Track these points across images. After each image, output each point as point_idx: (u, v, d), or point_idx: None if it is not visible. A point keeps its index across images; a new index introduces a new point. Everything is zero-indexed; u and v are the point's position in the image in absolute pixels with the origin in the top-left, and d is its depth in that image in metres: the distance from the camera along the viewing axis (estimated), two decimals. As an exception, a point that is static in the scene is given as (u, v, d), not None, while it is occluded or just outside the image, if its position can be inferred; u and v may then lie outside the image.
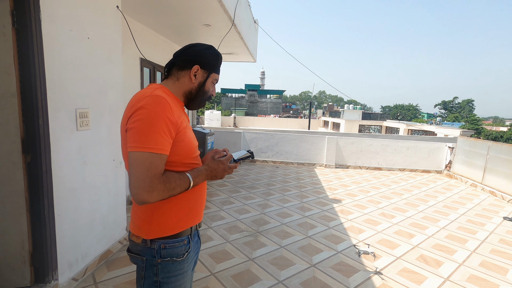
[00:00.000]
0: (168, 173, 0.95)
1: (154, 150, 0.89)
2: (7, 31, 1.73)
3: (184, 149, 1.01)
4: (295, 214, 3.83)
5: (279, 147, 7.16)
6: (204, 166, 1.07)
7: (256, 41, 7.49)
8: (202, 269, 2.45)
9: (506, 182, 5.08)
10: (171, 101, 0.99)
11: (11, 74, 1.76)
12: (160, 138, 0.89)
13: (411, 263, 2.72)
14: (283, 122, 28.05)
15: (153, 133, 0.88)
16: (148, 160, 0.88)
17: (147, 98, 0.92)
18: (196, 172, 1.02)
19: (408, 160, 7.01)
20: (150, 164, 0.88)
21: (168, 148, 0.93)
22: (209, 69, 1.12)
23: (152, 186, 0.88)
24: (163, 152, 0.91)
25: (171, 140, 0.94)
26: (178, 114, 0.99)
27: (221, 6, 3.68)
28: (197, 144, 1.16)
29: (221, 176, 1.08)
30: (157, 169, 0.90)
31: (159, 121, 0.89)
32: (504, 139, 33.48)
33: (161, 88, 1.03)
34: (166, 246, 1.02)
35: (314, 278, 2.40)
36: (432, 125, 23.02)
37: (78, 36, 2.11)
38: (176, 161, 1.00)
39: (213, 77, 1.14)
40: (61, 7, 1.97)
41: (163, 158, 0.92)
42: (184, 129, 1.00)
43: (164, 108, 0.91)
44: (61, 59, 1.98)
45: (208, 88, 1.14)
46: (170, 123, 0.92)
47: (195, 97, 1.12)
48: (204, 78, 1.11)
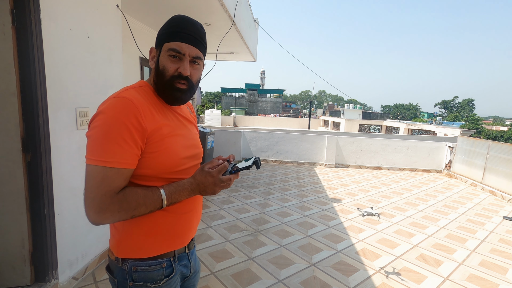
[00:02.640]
0: (129, 189, 0.79)
1: (107, 164, 0.74)
2: (7, 30, 1.73)
3: (160, 162, 0.83)
4: (295, 214, 3.83)
5: (279, 146, 7.16)
6: (190, 179, 0.86)
7: (256, 41, 7.48)
8: (202, 268, 2.45)
9: (506, 182, 5.08)
10: (147, 102, 0.83)
11: (11, 73, 1.75)
12: (118, 149, 0.75)
13: (411, 262, 2.72)
14: (283, 122, 28.04)
15: (109, 143, 0.74)
16: (99, 176, 0.74)
17: (110, 100, 0.79)
18: (175, 187, 0.84)
19: (408, 160, 7.01)
20: (102, 180, 0.74)
21: (132, 160, 0.78)
22: (160, 42, 0.87)
23: (102, 206, 0.74)
24: (121, 166, 0.76)
25: (137, 150, 0.79)
26: (152, 118, 0.82)
27: (221, 5, 3.68)
28: (192, 154, 0.94)
29: (211, 192, 0.85)
30: (110, 186, 0.75)
31: (118, 128, 0.75)
32: (504, 139, 33.49)
33: (141, 87, 0.88)
34: (137, 269, 0.87)
35: (314, 277, 2.40)
36: (432, 125, 23.03)
37: (78, 35, 2.11)
38: (150, 175, 0.84)
39: (165, 48, 0.85)
40: (61, 6, 1.97)
41: (122, 173, 0.77)
42: (163, 137, 0.83)
43: (126, 112, 0.76)
44: (61, 58, 1.98)
45: (162, 65, 0.86)
46: (135, 130, 0.77)
47: (157, 84, 0.88)
48: (157, 55, 0.88)
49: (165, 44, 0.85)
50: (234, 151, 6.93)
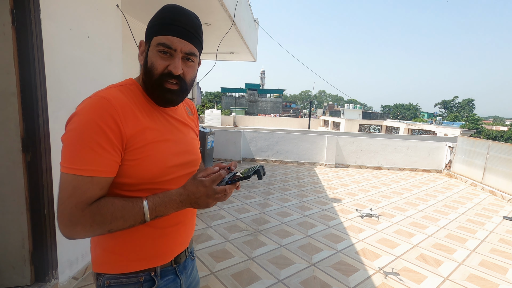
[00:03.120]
0: (105, 201, 0.69)
1: (79, 172, 0.65)
2: (7, 30, 1.73)
3: (141, 171, 0.73)
4: (295, 213, 3.83)
5: (279, 146, 7.16)
6: (179, 189, 0.74)
7: (256, 40, 7.48)
8: (202, 268, 2.45)
9: (506, 182, 5.08)
10: (130, 102, 0.74)
11: (11, 73, 1.75)
12: (92, 155, 0.66)
13: (411, 262, 2.72)
14: (283, 121, 28.04)
15: (82, 148, 0.66)
16: (70, 185, 0.66)
17: (86, 100, 0.70)
18: (161, 199, 0.73)
19: (408, 160, 7.01)
20: (73, 190, 0.66)
21: (109, 167, 0.69)
22: (149, 36, 0.77)
23: (72, 219, 0.66)
24: (95, 174, 0.67)
25: (116, 156, 0.70)
26: (135, 121, 0.73)
27: (221, 5, 3.68)
28: (184, 161, 0.83)
29: (204, 204, 0.73)
30: (81, 196, 0.66)
31: (93, 132, 0.66)
32: (504, 139, 33.49)
33: (127, 85, 0.79)
34: (110, 283, 0.79)
35: (314, 277, 2.40)
36: (432, 125, 23.03)
37: (78, 35, 2.11)
38: (132, 184, 0.74)
39: (154, 42, 0.75)
40: (61, 5, 1.97)
41: (97, 182, 0.68)
42: (146, 143, 0.74)
43: (101, 113, 0.67)
44: (61, 58, 1.98)
45: (150, 62, 0.76)
46: (112, 134, 0.68)
47: (146, 83, 0.78)
48: (146, 50, 0.78)
49: (154, 38, 0.75)
50: (234, 151, 6.93)
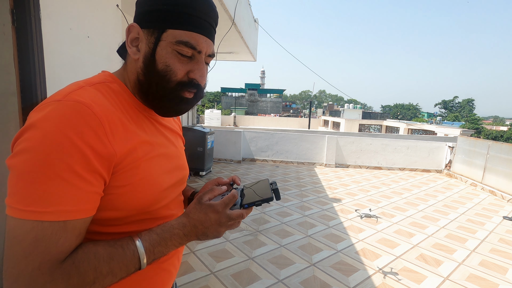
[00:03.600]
0: (84, 251, 0.49)
1: (45, 216, 0.44)
2: (7, 30, 1.73)
3: (133, 200, 0.56)
4: (295, 213, 3.83)
5: (279, 146, 7.16)
6: (181, 219, 0.58)
7: (256, 40, 7.49)
8: (202, 268, 2.45)
9: (506, 182, 5.08)
10: (115, 108, 0.55)
11: (11, 73, 1.75)
12: (65, 189, 0.45)
13: (411, 262, 2.72)
14: (283, 121, 28.04)
15: (48, 179, 0.44)
16: (29, 237, 0.44)
17: (51, 106, 0.48)
18: (159, 235, 0.55)
19: (408, 160, 7.01)
20: (35, 244, 0.44)
21: (89, 203, 0.49)
22: (157, 24, 0.56)
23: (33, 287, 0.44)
24: (70, 217, 0.46)
25: (98, 185, 0.50)
26: (124, 134, 0.54)
27: (221, 5, 3.68)
28: (176, 180, 0.67)
29: (214, 235, 0.59)
30: (48, 252, 0.45)
31: (65, 154, 0.45)
32: (504, 139, 33.50)
33: (105, 83, 0.58)
34: None
35: (314, 277, 2.41)
36: (432, 125, 23.03)
37: (78, 35, 2.11)
38: (116, 219, 0.56)
39: (171, 37, 0.56)
40: (61, 5, 1.97)
41: (72, 227, 0.47)
42: (139, 162, 0.56)
43: (78, 126, 0.47)
44: (61, 58, 1.98)
45: (163, 63, 0.57)
46: (93, 155, 0.48)
47: (149, 87, 0.59)
48: (152, 43, 0.57)
49: (170, 31, 0.56)
50: (234, 151, 6.93)
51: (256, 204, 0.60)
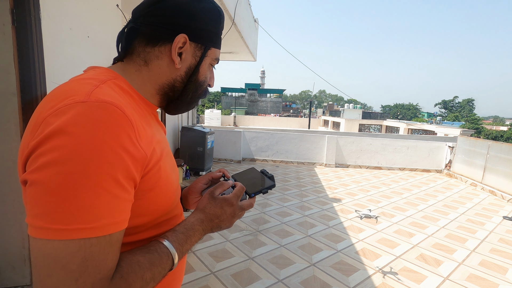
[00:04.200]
0: (127, 263, 0.46)
1: (92, 232, 0.41)
2: (7, 30, 1.73)
3: (160, 200, 0.56)
4: (295, 213, 3.84)
5: (279, 146, 7.16)
6: (197, 214, 0.60)
7: (256, 40, 7.49)
8: (202, 268, 2.45)
9: (506, 182, 5.08)
10: (133, 108, 0.52)
11: (11, 73, 1.75)
12: (107, 200, 0.42)
13: (410, 262, 2.72)
14: (283, 121, 28.04)
15: (90, 192, 0.41)
16: (77, 259, 0.40)
17: (78, 107, 0.43)
18: (184, 234, 0.56)
19: (408, 159, 7.01)
20: (84, 265, 0.40)
21: (127, 213, 0.47)
22: (205, 41, 0.62)
23: None
24: (115, 229, 0.44)
25: (132, 193, 0.48)
26: (145, 135, 0.51)
27: (221, 5, 3.68)
28: (177, 179, 0.66)
29: (227, 226, 0.63)
30: (100, 270, 0.42)
31: (108, 164, 0.42)
32: (504, 139, 33.50)
33: (113, 80, 0.54)
34: None
35: (314, 277, 2.41)
36: (432, 125, 23.03)
37: (78, 34, 2.11)
38: (142, 225, 0.54)
39: (213, 55, 0.64)
40: (61, 5, 1.97)
41: (116, 240, 0.45)
42: (159, 161, 0.53)
43: (117, 132, 0.44)
44: (61, 58, 1.98)
45: (204, 75, 0.64)
46: (132, 161, 0.46)
47: (183, 93, 0.63)
48: (198, 57, 0.62)
49: (213, 49, 0.64)
50: (234, 151, 6.93)
51: (263, 192, 0.67)
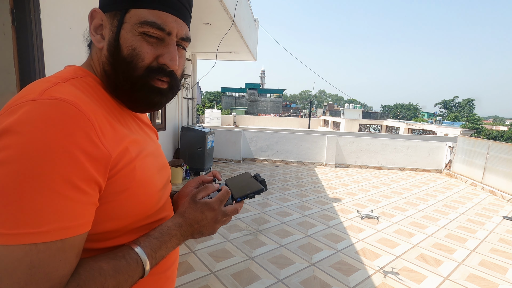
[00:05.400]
0: (87, 269, 0.43)
1: (40, 237, 0.38)
2: (7, 30, 1.73)
3: (134, 205, 0.51)
4: (295, 213, 3.84)
5: (279, 146, 7.16)
6: (176, 218, 0.56)
7: (256, 40, 7.48)
8: (202, 268, 2.45)
9: (506, 182, 5.08)
10: (97, 105, 0.48)
11: (11, 72, 1.75)
12: (61, 203, 0.39)
13: (410, 262, 2.72)
14: (283, 121, 28.04)
15: (39, 194, 0.38)
16: (23, 265, 0.37)
17: (28, 105, 0.41)
18: (159, 239, 0.52)
19: (408, 159, 7.01)
20: (30, 273, 0.37)
21: (86, 216, 0.43)
22: (120, 5, 0.51)
23: None
24: (70, 234, 0.41)
25: (95, 196, 0.44)
26: (114, 133, 0.48)
27: (221, 5, 3.68)
28: (166, 180, 0.62)
29: (209, 232, 0.58)
30: (49, 279, 0.39)
31: (59, 164, 0.39)
32: (504, 139, 33.49)
33: (80, 78, 0.51)
34: None
35: (314, 277, 2.41)
36: (432, 124, 23.02)
37: (78, 34, 2.11)
38: (115, 230, 0.50)
39: (135, 18, 0.50)
40: (61, 5, 1.97)
41: (71, 245, 0.41)
42: (133, 162, 0.50)
43: (70, 130, 0.41)
44: (61, 58, 1.98)
45: (129, 47, 0.51)
46: (89, 161, 0.42)
47: (117, 78, 0.52)
48: (115, 27, 0.51)
49: (133, 11, 0.50)
50: (234, 151, 6.93)
51: (249, 197, 0.61)
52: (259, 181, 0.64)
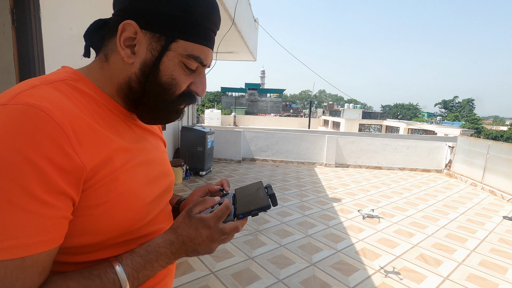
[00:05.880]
0: (54, 287, 0.41)
1: (3, 254, 0.36)
2: (7, 30, 1.73)
3: (112, 219, 0.47)
4: (295, 213, 3.84)
5: (279, 146, 7.16)
6: (168, 234, 0.51)
7: (256, 40, 7.48)
8: (202, 268, 2.45)
9: (506, 182, 5.08)
10: (82, 111, 0.45)
11: (11, 72, 1.75)
12: (20, 217, 0.36)
13: (410, 262, 2.72)
14: (283, 121, 28.04)
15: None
16: None
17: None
18: (144, 258, 0.48)
19: (408, 159, 7.01)
20: None
21: (53, 231, 0.40)
22: (166, 30, 0.49)
23: None
24: (30, 252, 0.38)
25: (66, 209, 0.41)
26: (95, 142, 0.45)
27: (221, 5, 3.68)
28: (162, 190, 0.58)
29: (205, 251, 0.52)
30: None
31: (18, 175, 0.36)
32: (504, 139, 33.50)
33: (67, 80, 0.48)
34: None
35: (314, 277, 2.41)
36: (432, 124, 23.02)
37: (78, 34, 2.11)
38: (92, 245, 0.47)
39: (182, 49, 0.50)
40: (61, 5, 1.97)
41: (32, 263, 0.38)
42: (116, 174, 0.47)
43: (35, 138, 0.38)
44: (61, 58, 1.98)
45: (169, 76, 0.51)
46: (57, 173, 0.39)
47: (144, 96, 0.52)
48: (156, 51, 0.50)
49: (181, 42, 0.49)
50: (234, 151, 6.93)
51: (252, 214, 0.53)
52: (268, 194, 0.56)
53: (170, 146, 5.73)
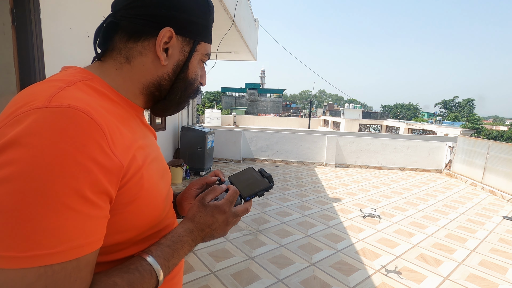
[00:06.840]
0: (101, 285, 0.42)
1: (54, 257, 0.36)
2: (7, 29, 1.73)
3: (143, 214, 0.50)
4: (295, 213, 3.84)
5: (279, 146, 7.16)
6: (186, 224, 0.55)
7: (256, 40, 7.49)
8: (202, 268, 2.45)
9: (506, 181, 5.08)
10: (110, 111, 0.47)
11: (11, 72, 1.76)
12: (74, 219, 0.37)
13: (410, 262, 2.72)
14: (283, 121, 28.05)
15: (51, 212, 0.35)
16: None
17: (36, 114, 0.38)
18: (171, 248, 0.51)
19: (408, 159, 7.01)
20: None
21: (100, 231, 0.41)
22: (194, 35, 0.56)
23: None
24: (84, 252, 0.39)
25: (107, 208, 0.42)
26: (123, 141, 0.45)
27: (221, 5, 3.68)
28: (168, 184, 0.62)
29: (220, 235, 0.58)
30: None
31: (71, 178, 0.37)
32: (504, 139, 33.51)
33: (84, 81, 0.48)
34: None
35: (314, 277, 2.41)
36: (432, 124, 23.02)
37: (78, 34, 2.11)
38: (124, 242, 0.49)
39: (203, 50, 0.59)
40: (61, 5, 1.97)
41: (86, 263, 0.40)
42: (140, 169, 0.48)
43: (79, 140, 0.38)
44: (61, 58, 1.98)
45: (194, 73, 0.59)
46: (103, 173, 0.40)
47: (171, 93, 0.57)
48: (187, 53, 0.56)
49: (203, 44, 0.59)
50: (234, 150, 6.93)
51: (258, 195, 0.60)
52: (265, 177, 0.63)
53: (170, 146, 5.72)
